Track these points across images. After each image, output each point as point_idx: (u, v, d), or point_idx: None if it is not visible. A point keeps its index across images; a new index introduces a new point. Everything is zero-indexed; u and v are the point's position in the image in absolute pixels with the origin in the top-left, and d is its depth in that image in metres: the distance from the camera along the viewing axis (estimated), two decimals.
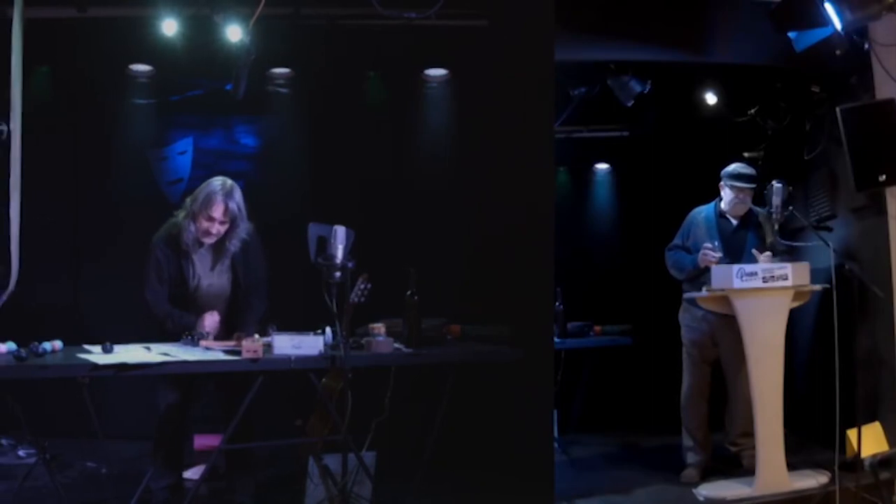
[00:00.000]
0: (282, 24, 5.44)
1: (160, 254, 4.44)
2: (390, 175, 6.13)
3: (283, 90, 6.19)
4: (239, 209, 4.44)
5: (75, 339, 4.32)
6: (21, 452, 5.35)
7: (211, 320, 4.44)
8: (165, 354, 3.98)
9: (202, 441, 5.30)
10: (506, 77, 4.99)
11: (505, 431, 4.73)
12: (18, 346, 3.97)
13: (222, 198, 4.39)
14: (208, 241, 4.46)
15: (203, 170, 6.11)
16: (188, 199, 4.48)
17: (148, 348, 4.15)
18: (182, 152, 6.32)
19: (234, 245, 4.48)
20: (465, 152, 5.90)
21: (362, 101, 6.20)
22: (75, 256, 5.98)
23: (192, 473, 4.72)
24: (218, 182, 4.46)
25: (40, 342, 4.01)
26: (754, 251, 4.94)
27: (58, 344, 4.15)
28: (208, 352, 4.13)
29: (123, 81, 6.00)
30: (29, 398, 4.12)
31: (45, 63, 5.79)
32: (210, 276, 4.54)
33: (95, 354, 3.97)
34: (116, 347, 4.09)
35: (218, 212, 4.39)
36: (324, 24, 5.66)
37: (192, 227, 4.41)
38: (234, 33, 4.93)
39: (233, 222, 4.44)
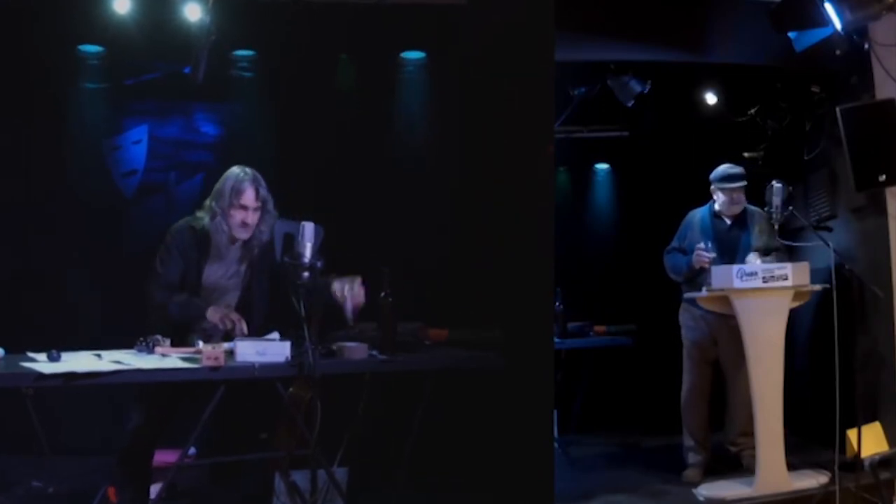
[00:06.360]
0: (245, 1, 5.05)
1: (178, 244, 4.15)
2: (363, 166, 5.62)
3: (247, 74, 5.68)
4: (268, 193, 4.22)
5: (18, 347, 3.89)
6: None
7: (217, 314, 4.05)
8: (117, 363, 3.64)
9: (158, 456, 4.49)
10: (506, 71, 4.96)
11: (503, 434, 4.68)
12: None
13: (250, 183, 4.15)
14: (244, 235, 4.18)
15: (160, 160, 5.76)
16: (208, 201, 4.20)
17: (98, 356, 3.81)
18: (137, 141, 5.81)
19: (264, 234, 4.20)
20: (445, 141, 5.56)
21: (332, 86, 5.70)
22: (20, 256, 5.34)
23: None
24: (238, 171, 4.21)
25: None
26: (751, 255, 4.94)
27: None
28: (164, 359, 3.79)
29: (72, 64, 5.44)
30: None
31: None
32: (225, 276, 4.26)
33: (41, 363, 3.60)
34: (64, 355, 3.70)
35: (249, 198, 4.14)
36: (291, 3, 5.20)
37: (225, 226, 4.14)
38: (192, 12, 4.64)
39: (263, 206, 4.21)
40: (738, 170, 5.13)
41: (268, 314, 4.31)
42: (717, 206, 5.17)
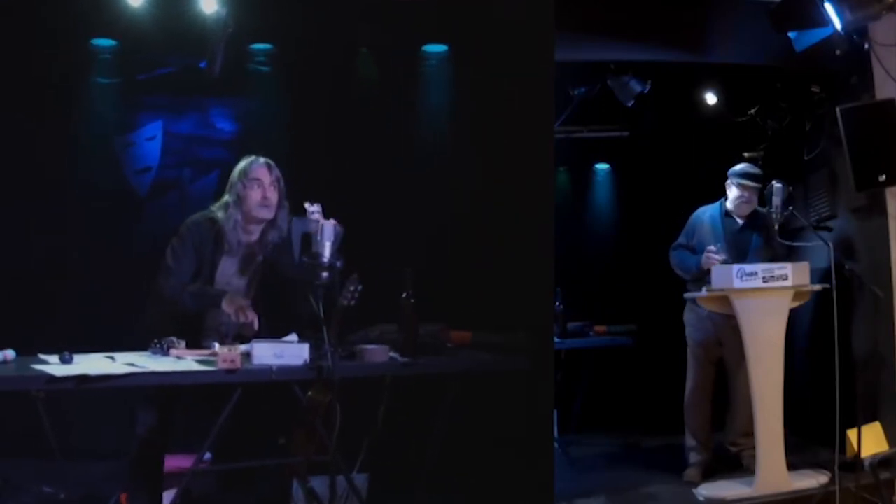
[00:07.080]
0: None
1: (194, 237, 4.02)
2: (383, 163, 5.50)
3: (264, 68, 5.57)
4: (280, 174, 4.12)
5: (30, 348, 3.80)
6: None
7: (233, 306, 3.91)
8: (131, 365, 3.56)
9: (173, 462, 4.33)
10: (506, 71, 4.96)
11: (504, 434, 4.68)
12: None
13: (261, 163, 4.08)
14: (267, 213, 4.07)
15: (174, 157, 5.67)
16: (226, 194, 4.10)
17: (112, 358, 3.72)
18: (150, 137, 5.69)
19: (283, 219, 4.10)
20: (467, 139, 5.46)
21: (350, 81, 5.57)
22: (31, 255, 5.19)
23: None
24: (248, 157, 4.15)
25: None
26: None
27: (9, 353, 3.69)
28: (179, 362, 3.70)
29: (84, 58, 5.33)
30: None
31: None
32: (234, 277, 4.16)
33: (52, 365, 3.52)
34: (76, 357, 3.63)
35: (263, 172, 4.06)
36: None
37: (239, 215, 4.03)
38: (208, 4, 4.56)
39: (278, 184, 4.10)
40: (757, 170, 5.15)
41: (282, 315, 4.22)
42: (728, 204, 5.16)
